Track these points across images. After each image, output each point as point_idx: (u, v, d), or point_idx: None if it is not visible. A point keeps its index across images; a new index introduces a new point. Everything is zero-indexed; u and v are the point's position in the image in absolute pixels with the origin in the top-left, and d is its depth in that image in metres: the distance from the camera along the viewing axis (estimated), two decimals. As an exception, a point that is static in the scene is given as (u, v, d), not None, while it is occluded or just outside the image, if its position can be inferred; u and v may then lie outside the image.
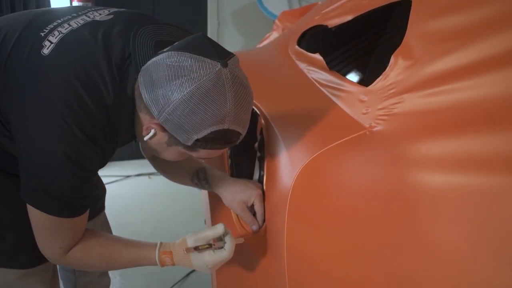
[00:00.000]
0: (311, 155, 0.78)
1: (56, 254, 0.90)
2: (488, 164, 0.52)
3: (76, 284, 1.42)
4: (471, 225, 0.50)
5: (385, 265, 0.57)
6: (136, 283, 1.98)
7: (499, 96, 0.57)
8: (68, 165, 0.78)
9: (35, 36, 0.83)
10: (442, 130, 0.60)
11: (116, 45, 0.82)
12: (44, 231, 0.87)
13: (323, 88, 0.96)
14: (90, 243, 0.92)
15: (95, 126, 0.79)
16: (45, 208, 0.82)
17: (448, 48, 0.66)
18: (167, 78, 0.72)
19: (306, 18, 1.41)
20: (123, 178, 3.12)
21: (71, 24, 0.85)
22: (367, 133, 0.73)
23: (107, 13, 0.91)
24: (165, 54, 0.74)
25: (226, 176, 1.08)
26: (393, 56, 0.76)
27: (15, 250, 1.01)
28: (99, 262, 0.94)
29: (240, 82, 0.76)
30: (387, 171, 0.64)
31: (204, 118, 0.73)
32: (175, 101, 0.72)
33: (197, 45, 0.75)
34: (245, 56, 1.61)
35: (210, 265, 0.89)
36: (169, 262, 0.92)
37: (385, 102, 0.73)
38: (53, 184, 0.80)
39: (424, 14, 0.75)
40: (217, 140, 0.77)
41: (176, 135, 0.77)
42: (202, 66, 0.72)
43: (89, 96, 0.78)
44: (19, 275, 1.02)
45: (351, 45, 1.45)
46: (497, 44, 0.60)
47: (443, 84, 0.64)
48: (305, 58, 1.15)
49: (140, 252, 0.93)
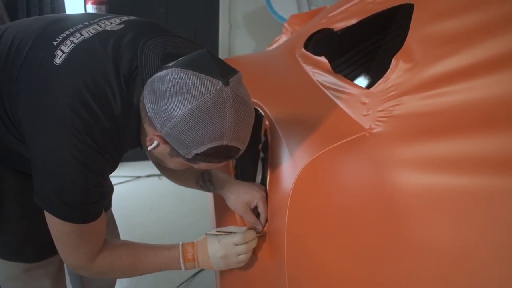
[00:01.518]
0: (312, 156, 0.79)
1: (82, 262, 0.90)
2: (487, 165, 0.53)
3: (82, 279, 1.44)
4: (471, 225, 0.51)
5: (382, 265, 0.58)
6: (144, 281, 2.01)
7: (497, 98, 0.57)
8: (80, 170, 0.80)
9: (48, 45, 0.86)
10: (440, 132, 0.61)
11: (125, 56, 0.84)
12: (65, 240, 0.88)
13: (327, 90, 0.97)
14: (117, 247, 0.94)
15: (104, 134, 0.82)
16: (61, 215, 0.84)
17: (448, 51, 0.67)
18: (170, 94, 0.74)
19: (313, 21, 1.42)
20: (134, 179, 3.16)
21: (83, 33, 0.88)
22: (367, 134, 0.74)
23: (118, 22, 0.93)
24: (169, 70, 0.76)
25: (230, 178, 1.10)
26: (394, 59, 0.76)
27: (22, 244, 1.04)
28: (127, 266, 0.94)
29: (241, 100, 0.77)
30: (384, 172, 0.65)
31: (203, 135, 0.74)
32: (176, 117, 0.74)
33: (201, 62, 0.77)
34: (253, 59, 1.62)
35: (222, 248, 0.91)
36: (191, 252, 0.93)
37: (385, 104, 0.73)
38: (66, 191, 0.82)
39: (425, 17, 0.76)
40: (216, 155, 0.79)
41: (177, 148, 0.79)
42: (204, 84, 0.74)
43: (98, 105, 0.80)
44: (25, 268, 1.05)
45: (360, 48, 1.46)
46: (496, 46, 0.61)
47: (442, 86, 0.64)
48: (310, 61, 1.17)
49: (164, 251, 0.95)
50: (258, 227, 0.99)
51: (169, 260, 0.94)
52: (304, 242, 0.76)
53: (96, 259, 0.90)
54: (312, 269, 0.72)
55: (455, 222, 0.52)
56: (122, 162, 3.55)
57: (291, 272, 0.77)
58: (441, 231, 0.53)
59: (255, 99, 1.14)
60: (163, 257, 0.94)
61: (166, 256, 0.94)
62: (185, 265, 0.94)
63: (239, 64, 1.67)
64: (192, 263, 0.94)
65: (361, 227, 0.64)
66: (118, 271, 0.96)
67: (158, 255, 0.95)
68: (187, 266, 0.94)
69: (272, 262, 0.88)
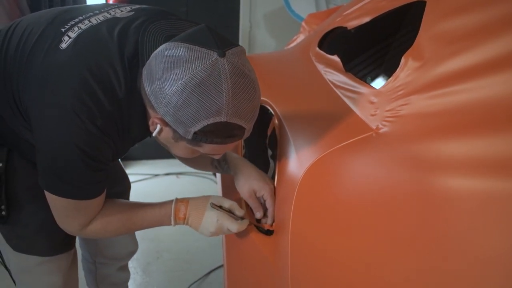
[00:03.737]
0: (317, 156, 0.78)
1: (75, 229, 0.94)
2: (496, 166, 0.50)
3: (96, 275, 1.46)
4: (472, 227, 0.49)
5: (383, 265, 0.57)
6: (158, 279, 2.02)
7: (507, 97, 0.55)
8: (79, 155, 0.80)
9: (56, 31, 0.86)
10: (447, 132, 0.59)
11: (130, 40, 0.83)
12: (61, 212, 0.91)
13: (337, 89, 0.96)
14: (109, 213, 0.95)
15: (106, 119, 0.81)
16: (59, 193, 0.86)
17: (457, 49, 0.64)
18: (163, 70, 0.72)
19: (329, 20, 1.40)
20: (152, 177, 3.18)
21: (91, 20, 0.88)
22: (373, 134, 0.72)
23: (128, 10, 0.92)
24: (163, 45, 0.74)
25: (246, 161, 1.06)
26: (404, 57, 0.74)
27: (36, 238, 1.05)
28: (119, 228, 0.97)
29: (241, 72, 0.72)
30: (388, 172, 0.63)
31: (198, 110, 0.71)
32: (170, 92, 0.71)
33: (197, 36, 0.74)
34: (267, 58, 1.61)
35: (216, 226, 0.94)
36: (183, 211, 0.96)
37: (393, 103, 0.71)
38: (66, 172, 0.83)
39: (437, 14, 0.73)
40: (216, 133, 0.75)
41: (176, 128, 0.76)
42: (197, 56, 0.70)
43: (101, 89, 0.79)
44: (38, 261, 1.07)
45: (378, 47, 1.43)
46: (508, 43, 0.58)
47: (450, 85, 0.62)
48: (323, 60, 1.15)
49: (156, 210, 0.97)
50: (259, 213, 0.99)
51: (161, 218, 0.97)
52: (307, 230, 0.76)
53: (88, 226, 0.93)
54: (315, 268, 0.71)
55: (459, 223, 0.50)
56: (140, 160, 3.59)
57: (294, 271, 0.76)
58: (444, 231, 0.51)
59: (265, 98, 1.13)
60: (155, 215, 0.97)
61: (158, 214, 0.97)
62: (175, 223, 0.98)
63: (253, 63, 1.66)
64: (182, 221, 0.98)
65: (361, 222, 0.63)
66: (111, 234, 1.00)
67: (150, 214, 0.97)
68: (177, 223, 0.98)
69: (276, 258, 0.87)
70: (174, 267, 2.12)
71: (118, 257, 1.45)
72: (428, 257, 0.51)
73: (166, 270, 2.09)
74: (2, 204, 0.99)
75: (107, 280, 1.48)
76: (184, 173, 3.19)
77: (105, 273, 1.46)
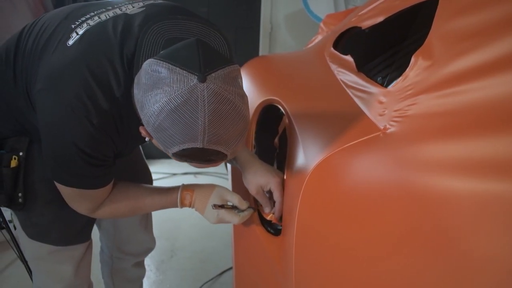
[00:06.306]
0: (323, 156, 0.77)
1: (85, 213, 0.99)
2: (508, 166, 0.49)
3: (111, 268, 1.48)
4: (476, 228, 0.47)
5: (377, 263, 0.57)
6: (171, 277, 2.03)
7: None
8: (76, 151, 0.82)
9: (67, 27, 0.88)
10: (454, 132, 0.57)
11: (131, 38, 0.83)
12: (68, 197, 0.95)
13: (348, 89, 0.94)
14: (116, 199, 0.99)
15: (103, 117, 0.81)
16: (62, 181, 0.90)
17: (467, 47, 0.62)
18: (146, 87, 0.70)
19: (345, 21, 1.39)
20: (170, 176, 3.22)
21: (101, 17, 0.88)
22: (381, 135, 0.70)
23: (140, 5, 0.92)
24: (150, 61, 0.72)
25: (254, 156, 1.06)
26: (414, 56, 0.72)
27: (50, 227, 1.08)
28: (126, 213, 1.03)
29: (221, 99, 0.68)
30: (394, 172, 0.62)
31: (172, 135, 0.69)
32: (149, 113, 0.70)
33: (182, 54, 0.71)
34: (283, 58, 1.61)
35: (217, 220, 1.00)
36: (188, 200, 1.00)
37: (401, 103, 0.70)
38: (65, 164, 0.86)
39: (448, 13, 0.71)
40: (193, 157, 0.73)
41: (158, 144, 0.75)
42: (177, 79, 0.67)
43: (99, 88, 0.80)
44: (51, 250, 1.09)
45: (392, 47, 1.41)
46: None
47: (459, 85, 0.60)
48: (337, 60, 1.14)
49: (162, 197, 1.01)
50: (267, 208, 1.00)
51: (167, 203, 1.02)
52: (312, 235, 0.75)
53: (97, 211, 0.99)
54: (319, 264, 0.70)
55: (462, 225, 0.48)
56: (159, 159, 3.62)
57: (298, 269, 0.75)
58: (448, 232, 0.49)
59: (277, 97, 1.12)
60: (161, 202, 1.02)
61: (164, 201, 1.02)
62: (182, 206, 1.02)
63: (269, 63, 1.66)
64: (187, 206, 1.03)
65: (371, 225, 0.62)
66: (120, 217, 1.09)
67: (157, 200, 1.02)
68: (183, 207, 1.03)
69: (282, 256, 0.87)
70: (188, 266, 2.13)
71: (134, 253, 1.47)
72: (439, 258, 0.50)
73: (180, 268, 2.10)
74: (20, 191, 1.02)
75: (121, 274, 1.50)
76: (202, 173, 3.22)
77: (121, 268, 1.48)
